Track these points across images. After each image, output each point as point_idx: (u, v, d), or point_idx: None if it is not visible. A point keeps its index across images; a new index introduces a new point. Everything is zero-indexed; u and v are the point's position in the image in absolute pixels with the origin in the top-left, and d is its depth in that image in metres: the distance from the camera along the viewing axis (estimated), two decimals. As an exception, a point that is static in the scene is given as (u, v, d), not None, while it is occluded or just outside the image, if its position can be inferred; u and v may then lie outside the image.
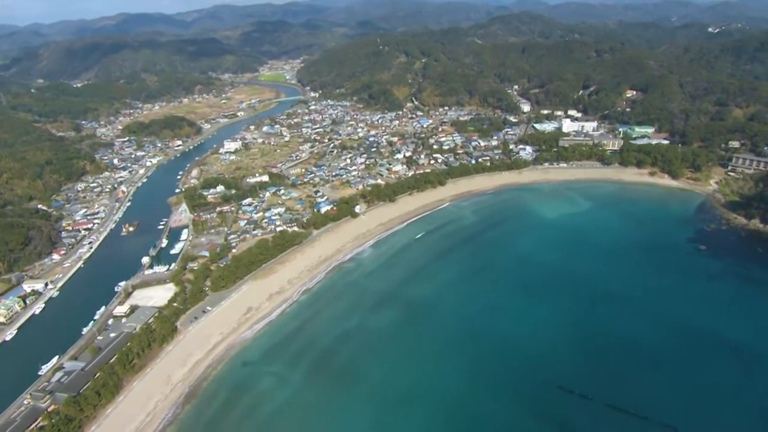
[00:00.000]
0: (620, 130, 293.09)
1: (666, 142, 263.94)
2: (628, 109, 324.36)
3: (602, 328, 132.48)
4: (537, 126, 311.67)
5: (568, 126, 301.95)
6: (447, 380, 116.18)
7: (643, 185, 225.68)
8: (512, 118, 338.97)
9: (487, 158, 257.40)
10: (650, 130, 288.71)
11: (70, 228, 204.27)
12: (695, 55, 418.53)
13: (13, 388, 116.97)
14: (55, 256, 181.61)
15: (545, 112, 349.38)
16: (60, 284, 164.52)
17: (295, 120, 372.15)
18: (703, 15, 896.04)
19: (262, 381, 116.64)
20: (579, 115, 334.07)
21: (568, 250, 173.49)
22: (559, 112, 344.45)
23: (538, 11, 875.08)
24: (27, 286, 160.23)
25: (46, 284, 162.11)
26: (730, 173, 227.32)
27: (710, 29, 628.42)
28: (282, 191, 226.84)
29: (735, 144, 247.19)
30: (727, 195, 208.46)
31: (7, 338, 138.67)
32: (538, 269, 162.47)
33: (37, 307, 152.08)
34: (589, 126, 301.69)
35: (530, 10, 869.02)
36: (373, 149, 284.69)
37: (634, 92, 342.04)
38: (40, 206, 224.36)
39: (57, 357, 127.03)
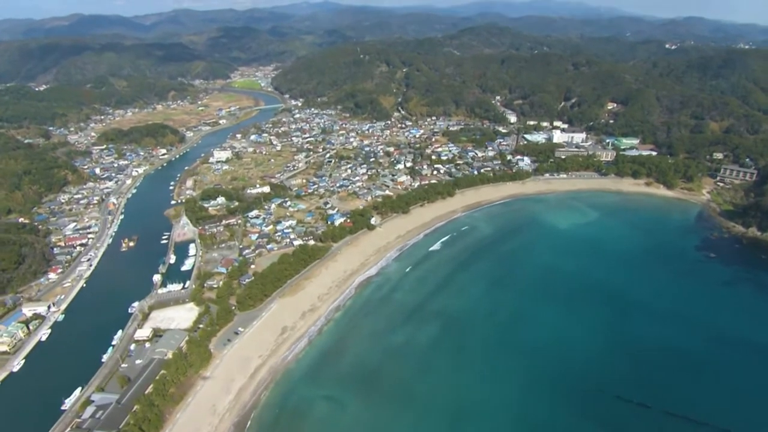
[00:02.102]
0: (608, 141, 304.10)
1: (654, 153, 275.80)
2: (611, 121, 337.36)
3: (639, 335, 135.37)
4: (528, 137, 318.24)
5: (558, 137, 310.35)
6: (501, 392, 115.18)
7: (641, 195, 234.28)
8: (501, 129, 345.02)
9: (489, 169, 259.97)
10: (636, 141, 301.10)
11: (62, 244, 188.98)
12: (663, 71, 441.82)
13: (36, 425, 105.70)
14: (52, 275, 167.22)
15: (532, 123, 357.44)
16: (63, 306, 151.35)
17: (282, 129, 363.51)
18: (655, 31, 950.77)
19: (317, 406, 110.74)
20: (565, 126, 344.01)
21: (588, 259, 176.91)
22: (545, 123, 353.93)
23: (502, 23, 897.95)
24: (27, 310, 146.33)
25: (49, 307, 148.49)
26: (719, 183, 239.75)
27: (667, 46, 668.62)
28: (288, 203, 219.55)
29: (719, 155, 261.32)
30: (721, 204, 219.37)
31: (15, 369, 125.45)
32: (562, 278, 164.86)
33: (43, 333, 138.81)
34: (578, 137, 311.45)
35: (494, 22, 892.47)
36: (371, 159, 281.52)
37: (615, 104, 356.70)
38: (21, 220, 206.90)
39: (80, 389, 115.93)
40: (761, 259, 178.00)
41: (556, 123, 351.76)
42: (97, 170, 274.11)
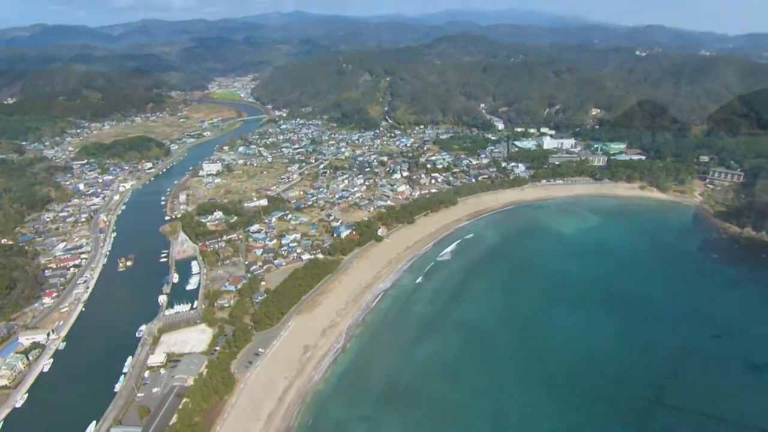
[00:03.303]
0: (596, 146, 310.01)
1: (642, 157, 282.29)
2: (597, 126, 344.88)
3: (661, 338, 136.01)
4: (518, 143, 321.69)
5: (548, 143, 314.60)
6: (538, 402, 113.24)
7: (637, 199, 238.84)
8: (491, 136, 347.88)
9: (485, 176, 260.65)
10: (623, 146, 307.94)
11: (53, 265, 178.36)
12: (640, 77, 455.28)
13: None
14: (47, 300, 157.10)
15: (519, 129, 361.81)
16: (63, 333, 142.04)
17: (271, 140, 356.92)
18: (620, 39, 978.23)
19: (352, 428, 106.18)
20: (553, 132, 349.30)
21: (598, 264, 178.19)
22: (532, 130, 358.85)
23: (474, 32, 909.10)
24: (24, 339, 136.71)
25: (48, 334, 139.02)
26: (709, 185, 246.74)
27: (638, 53, 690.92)
28: (289, 216, 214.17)
29: (705, 158, 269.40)
30: (714, 206, 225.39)
31: (18, 405, 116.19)
32: (576, 284, 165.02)
33: (45, 364, 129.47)
34: (568, 143, 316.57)
35: (467, 31, 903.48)
36: (366, 169, 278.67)
37: (599, 110, 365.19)
38: (4, 241, 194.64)
39: (94, 423, 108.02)
40: (762, 258, 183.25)
41: (543, 129, 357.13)
42: (81, 186, 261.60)
